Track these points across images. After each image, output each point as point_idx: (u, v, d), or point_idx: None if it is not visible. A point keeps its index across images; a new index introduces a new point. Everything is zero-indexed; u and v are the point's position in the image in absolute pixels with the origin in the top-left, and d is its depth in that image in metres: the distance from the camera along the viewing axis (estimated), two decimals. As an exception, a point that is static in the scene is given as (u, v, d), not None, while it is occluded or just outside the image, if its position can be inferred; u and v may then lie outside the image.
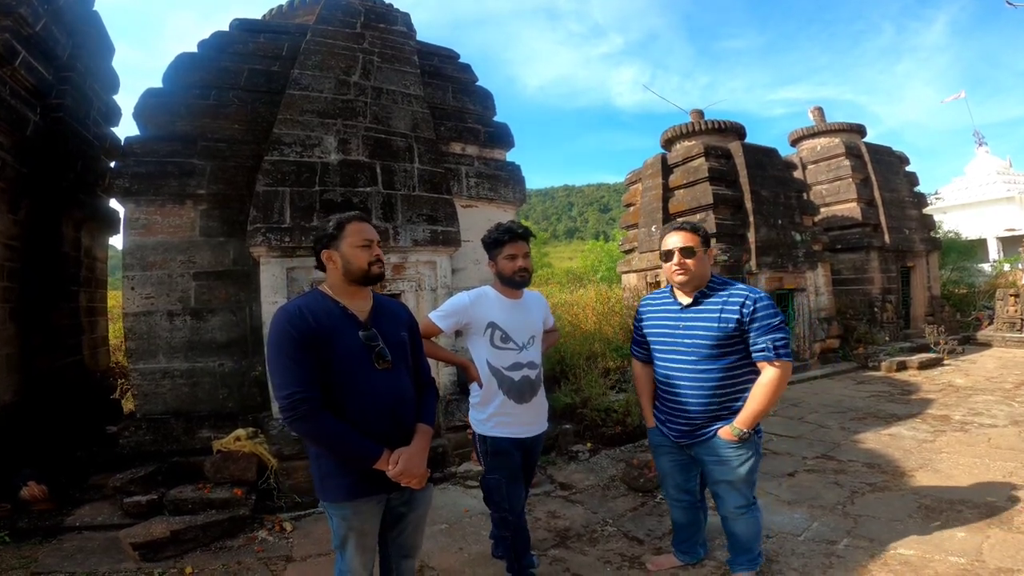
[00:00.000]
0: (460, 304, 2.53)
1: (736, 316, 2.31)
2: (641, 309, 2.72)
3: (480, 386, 2.54)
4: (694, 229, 2.44)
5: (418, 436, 1.95)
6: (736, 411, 2.36)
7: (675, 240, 2.42)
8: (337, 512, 1.92)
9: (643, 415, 2.76)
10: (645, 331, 2.62)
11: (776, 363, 2.27)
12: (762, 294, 2.38)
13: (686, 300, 2.46)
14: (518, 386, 2.53)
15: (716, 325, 2.33)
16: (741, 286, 2.42)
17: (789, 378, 2.38)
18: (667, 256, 2.44)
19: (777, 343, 2.27)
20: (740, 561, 2.58)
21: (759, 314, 2.29)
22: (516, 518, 2.55)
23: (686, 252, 2.38)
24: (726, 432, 2.34)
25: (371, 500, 1.91)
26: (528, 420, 2.60)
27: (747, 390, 2.37)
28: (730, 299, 2.35)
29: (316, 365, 1.79)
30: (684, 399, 2.42)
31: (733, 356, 2.36)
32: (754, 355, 2.31)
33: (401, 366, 1.97)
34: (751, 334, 2.30)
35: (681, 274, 2.39)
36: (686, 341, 2.40)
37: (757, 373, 2.37)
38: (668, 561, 2.81)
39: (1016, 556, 2.65)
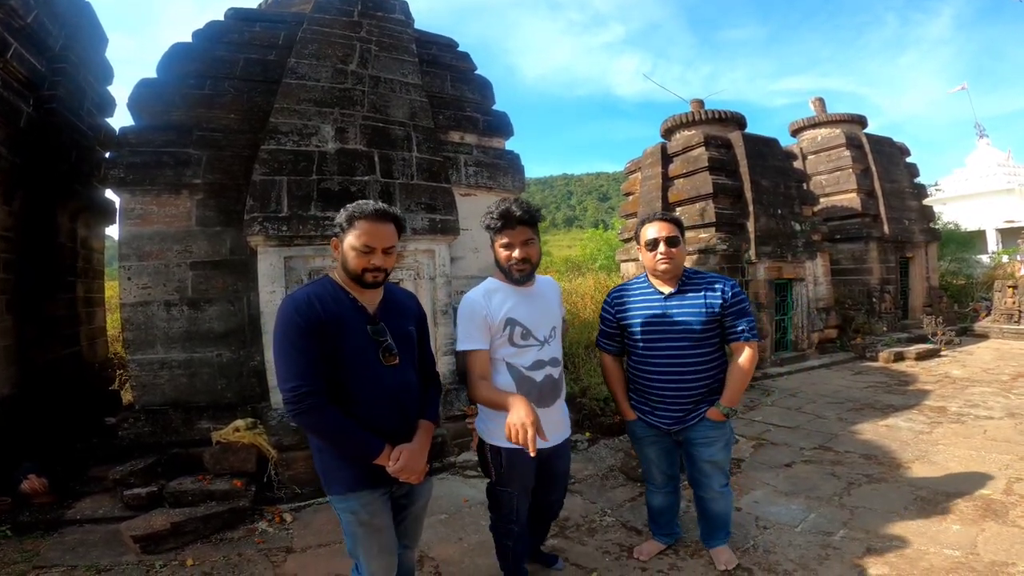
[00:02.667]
0: (475, 308, 2.19)
1: (719, 301, 2.46)
2: (615, 300, 2.67)
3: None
4: (674, 220, 2.53)
5: (420, 432, 1.93)
6: (713, 393, 2.51)
7: (659, 230, 2.48)
8: (344, 506, 1.87)
9: (619, 409, 2.74)
10: (625, 322, 2.60)
11: (752, 343, 2.48)
12: (735, 282, 2.56)
13: (668, 289, 2.53)
14: (540, 387, 2.24)
15: (704, 310, 2.46)
16: (713, 275, 2.58)
17: (758, 357, 2.57)
18: (652, 245, 2.49)
19: (751, 325, 2.49)
20: (719, 536, 2.73)
21: (737, 300, 2.48)
22: (521, 528, 2.40)
23: (672, 241, 2.46)
24: (714, 413, 2.47)
25: (375, 492, 1.88)
26: (550, 428, 2.18)
27: (720, 373, 2.54)
28: (711, 286, 2.50)
29: (322, 357, 1.75)
30: (676, 385, 2.48)
31: (712, 341, 2.51)
32: (734, 337, 2.48)
33: (407, 360, 1.94)
34: (729, 318, 2.48)
35: (666, 262, 2.46)
36: (676, 328, 2.47)
37: (724, 358, 2.58)
38: (653, 547, 2.87)
39: (1011, 549, 2.67)
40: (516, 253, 2.17)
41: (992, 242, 22.00)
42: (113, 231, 6.14)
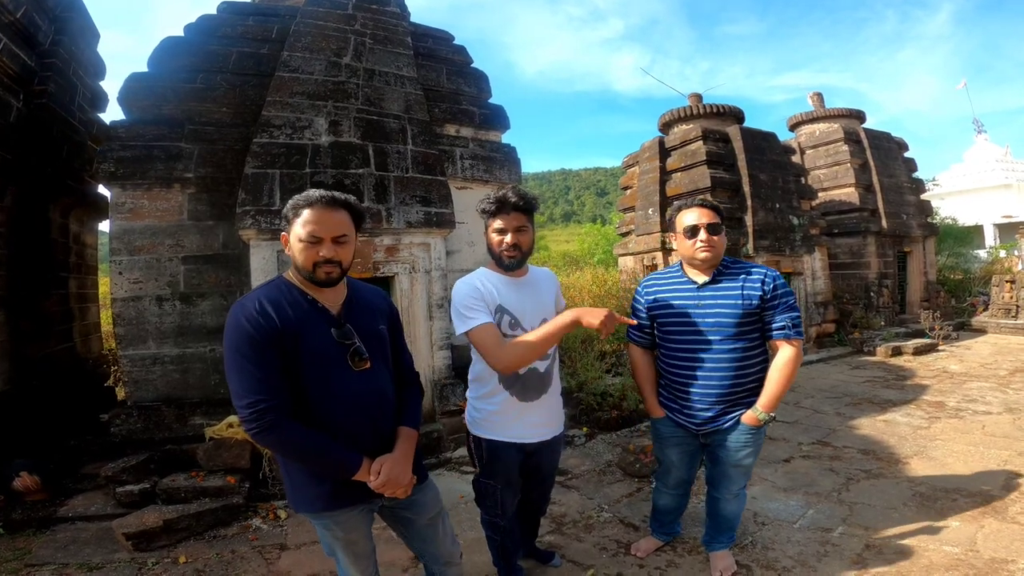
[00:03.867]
0: (473, 288, 2.14)
1: (759, 293, 2.27)
2: (647, 289, 2.52)
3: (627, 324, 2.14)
4: (714, 207, 2.36)
5: (401, 441, 1.75)
6: (751, 395, 2.33)
7: (699, 216, 2.32)
8: (317, 522, 1.76)
9: (646, 406, 2.59)
10: (655, 312, 2.45)
11: (794, 341, 2.28)
12: (778, 273, 2.36)
13: (703, 279, 2.36)
14: (522, 380, 2.19)
15: (740, 302, 2.27)
16: (756, 265, 2.39)
17: (802, 357, 2.37)
18: (692, 232, 2.32)
19: (795, 321, 2.28)
20: (722, 540, 2.61)
21: (779, 292, 2.28)
22: (508, 522, 2.37)
23: (714, 228, 2.30)
24: (750, 418, 2.30)
25: (353, 509, 1.73)
26: (535, 422, 2.26)
27: (760, 372, 2.34)
28: (750, 277, 2.31)
29: (281, 367, 1.57)
30: (706, 383, 2.31)
31: (750, 336, 2.31)
32: (774, 334, 2.29)
33: (380, 363, 1.75)
34: (770, 312, 2.28)
35: (707, 251, 2.29)
36: (708, 320, 2.30)
37: (765, 356, 2.38)
38: (651, 544, 2.82)
39: (1010, 546, 2.64)
40: (508, 238, 2.14)
41: (990, 237, 22.04)
42: (107, 227, 6.09)
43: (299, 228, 1.62)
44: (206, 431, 3.68)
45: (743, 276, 2.32)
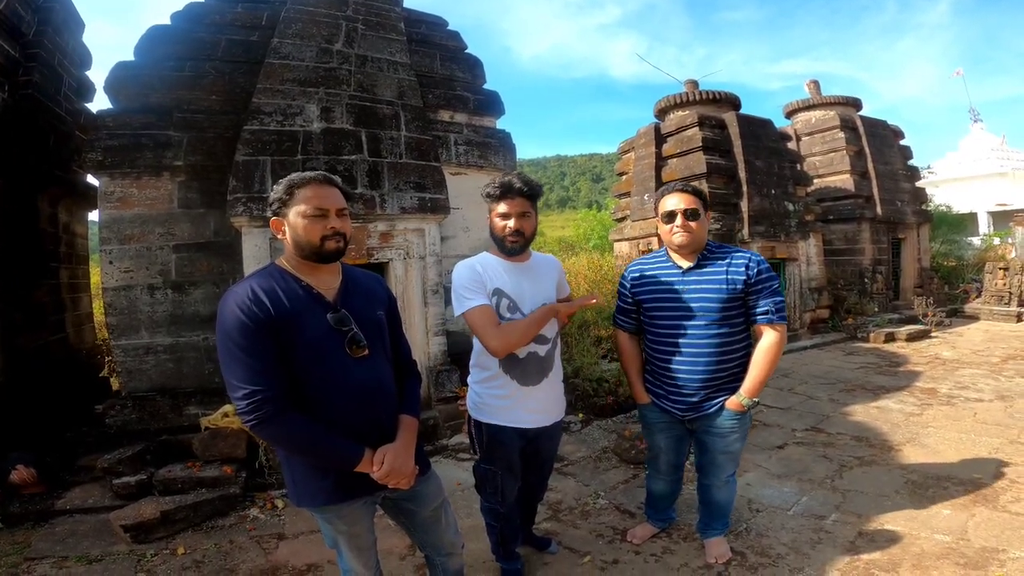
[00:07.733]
0: (471, 272, 2.16)
1: (743, 277, 2.27)
2: (632, 274, 2.52)
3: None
4: (695, 191, 2.35)
5: (403, 431, 1.72)
6: (734, 380, 2.34)
7: (678, 202, 2.31)
8: (320, 516, 1.73)
9: (633, 392, 2.60)
10: (640, 297, 2.45)
11: (777, 326, 2.28)
12: (762, 258, 2.37)
13: (687, 263, 2.36)
14: (523, 364, 2.20)
15: (724, 286, 2.28)
16: (740, 250, 2.41)
17: (786, 342, 2.38)
18: (669, 218, 2.32)
19: (778, 306, 2.28)
20: (716, 527, 2.64)
21: (763, 276, 2.29)
22: (508, 510, 2.38)
23: (690, 214, 2.29)
24: (734, 403, 2.31)
25: (356, 503, 1.70)
26: (535, 407, 2.26)
27: (743, 357, 2.36)
28: (734, 261, 2.32)
29: (277, 356, 1.52)
30: (690, 368, 2.32)
31: (733, 321, 2.32)
32: (758, 318, 2.29)
33: (378, 351, 1.71)
34: (754, 296, 2.29)
35: (684, 236, 2.30)
36: (693, 305, 2.30)
37: (748, 341, 2.40)
38: (647, 530, 2.84)
39: (1000, 535, 2.67)
40: (511, 223, 2.15)
41: (984, 224, 22.10)
42: (96, 216, 6.03)
43: (301, 204, 1.60)
44: (202, 421, 3.67)
45: (728, 261, 2.33)
